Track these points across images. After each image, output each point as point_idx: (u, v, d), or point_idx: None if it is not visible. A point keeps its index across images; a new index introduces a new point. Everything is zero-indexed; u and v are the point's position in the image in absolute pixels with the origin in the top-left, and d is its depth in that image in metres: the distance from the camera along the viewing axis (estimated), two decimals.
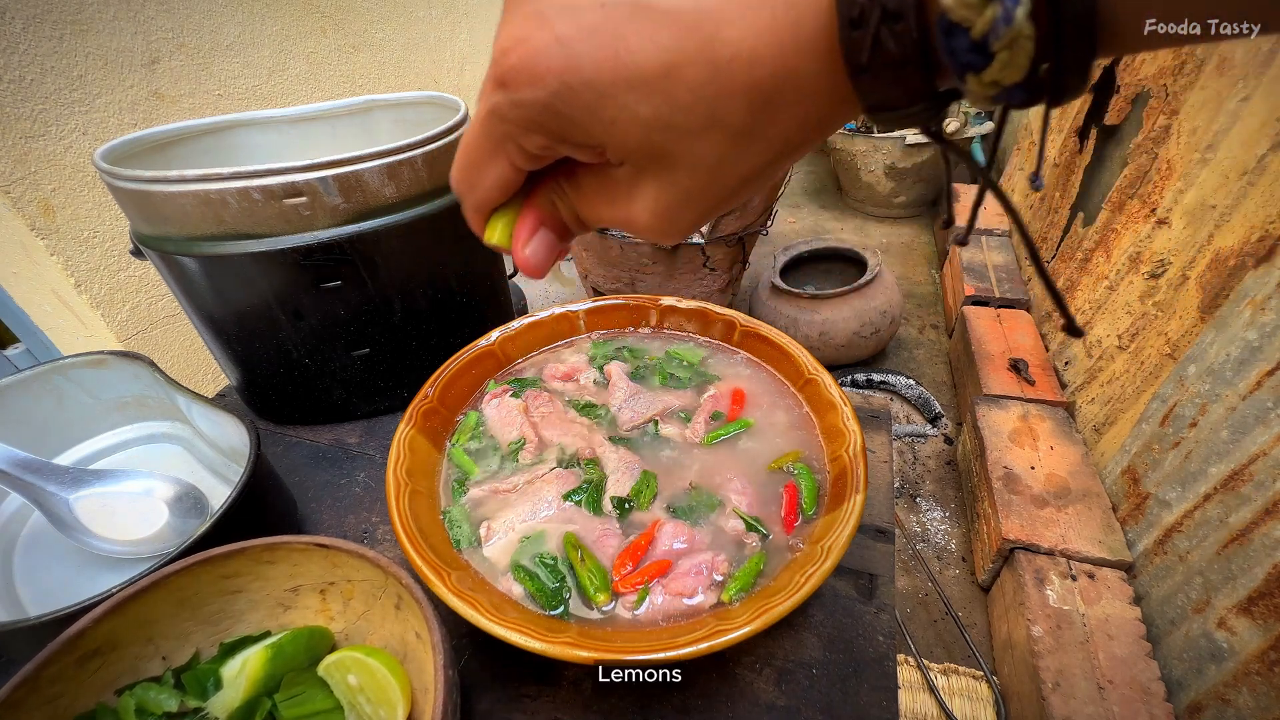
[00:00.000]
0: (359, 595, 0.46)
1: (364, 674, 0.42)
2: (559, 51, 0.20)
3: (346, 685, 0.42)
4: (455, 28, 2.36)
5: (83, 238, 1.22)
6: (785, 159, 0.22)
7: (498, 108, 0.22)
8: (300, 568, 0.46)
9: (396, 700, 0.40)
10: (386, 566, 0.42)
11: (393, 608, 0.45)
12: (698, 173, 0.22)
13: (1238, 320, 0.94)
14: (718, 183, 0.22)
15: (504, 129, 0.23)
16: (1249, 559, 0.84)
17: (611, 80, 0.20)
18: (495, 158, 0.25)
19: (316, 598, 0.47)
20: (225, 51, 1.46)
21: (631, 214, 0.24)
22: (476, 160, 0.25)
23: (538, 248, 0.28)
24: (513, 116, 0.22)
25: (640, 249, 1.64)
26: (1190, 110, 1.18)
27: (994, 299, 1.83)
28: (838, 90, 0.19)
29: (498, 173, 0.25)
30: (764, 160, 0.22)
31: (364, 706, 0.41)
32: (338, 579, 0.46)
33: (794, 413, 0.58)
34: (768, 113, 0.20)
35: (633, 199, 0.24)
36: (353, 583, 0.46)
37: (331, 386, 0.72)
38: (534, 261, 0.28)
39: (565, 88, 0.20)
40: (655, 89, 0.20)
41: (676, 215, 0.23)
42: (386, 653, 0.44)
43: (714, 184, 0.22)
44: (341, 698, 0.42)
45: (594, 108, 0.20)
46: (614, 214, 0.25)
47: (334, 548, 0.43)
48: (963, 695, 1.08)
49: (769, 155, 0.22)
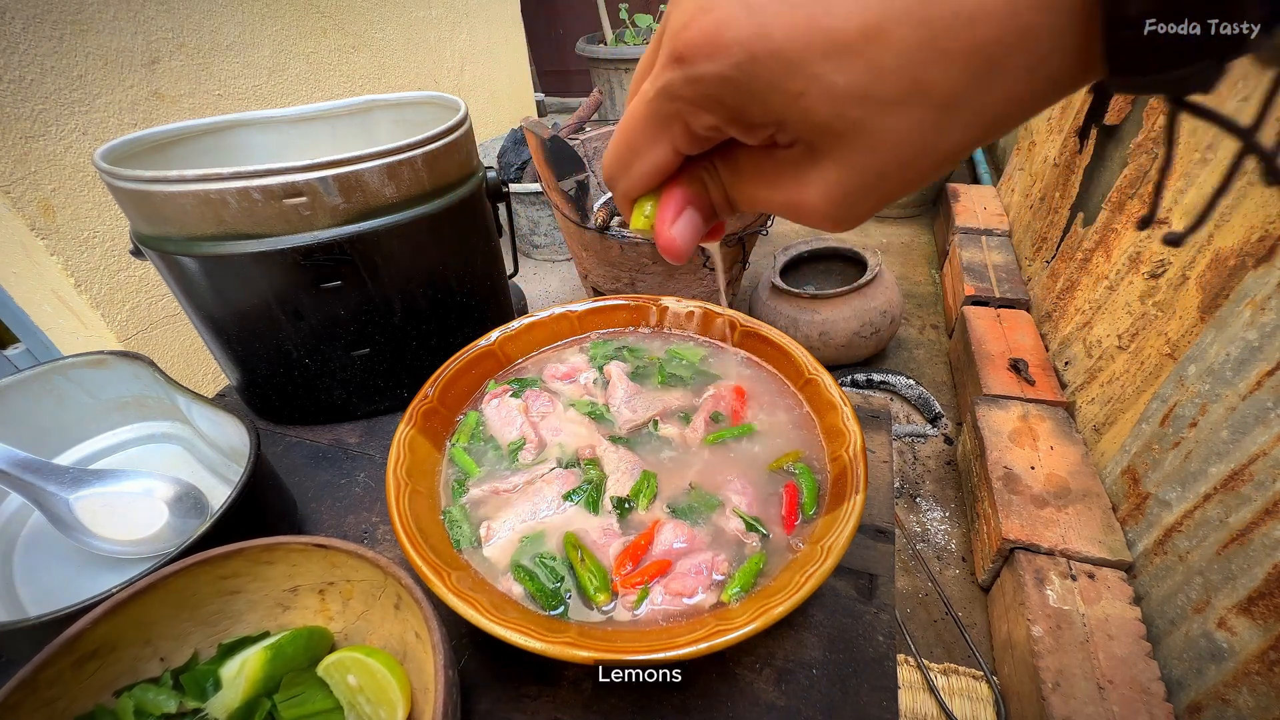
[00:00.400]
0: (358, 595, 0.46)
1: (363, 674, 0.42)
2: (747, 19, 0.18)
3: (346, 685, 0.42)
4: (455, 28, 2.36)
5: (83, 238, 1.22)
6: (991, 135, 0.19)
7: (670, 85, 0.20)
8: (299, 568, 0.46)
9: (396, 700, 0.40)
10: (386, 566, 0.42)
11: (392, 608, 0.45)
12: (889, 150, 0.19)
13: (1238, 320, 0.94)
14: (910, 162, 0.19)
15: (673, 108, 0.21)
16: (1249, 559, 0.84)
17: (805, 46, 0.18)
18: (657, 141, 0.23)
19: (315, 598, 0.47)
20: (225, 51, 1.46)
21: (803, 198, 0.22)
22: (637, 144, 0.24)
23: (684, 228, 0.25)
24: (686, 94, 0.20)
25: (640, 249, 1.64)
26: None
27: (994, 299, 1.83)
28: (1082, 50, 0.16)
29: (656, 157, 0.23)
30: (969, 137, 0.19)
31: (364, 707, 0.41)
32: (337, 579, 0.46)
33: (794, 412, 0.58)
34: (987, 80, 0.17)
35: (804, 182, 0.21)
36: (352, 583, 0.46)
37: (331, 386, 0.72)
38: (680, 243, 0.26)
39: (750, 59, 0.18)
40: (854, 55, 0.17)
41: (857, 200, 0.21)
42: (386, 653, 0.44)
43: (905, 163, 0.20)
44: (341, 698, 0.42)
45: (780, 80, 0.18)
46: (776, 197, 0.23)
47: (333, 548, 0.43)
48: (963, 695, 1.08)
49: (976, 131, 0.19)
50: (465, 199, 0.68)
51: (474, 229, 0.72)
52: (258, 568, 0.45)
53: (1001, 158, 2.60)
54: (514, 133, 2.43)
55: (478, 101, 2.63)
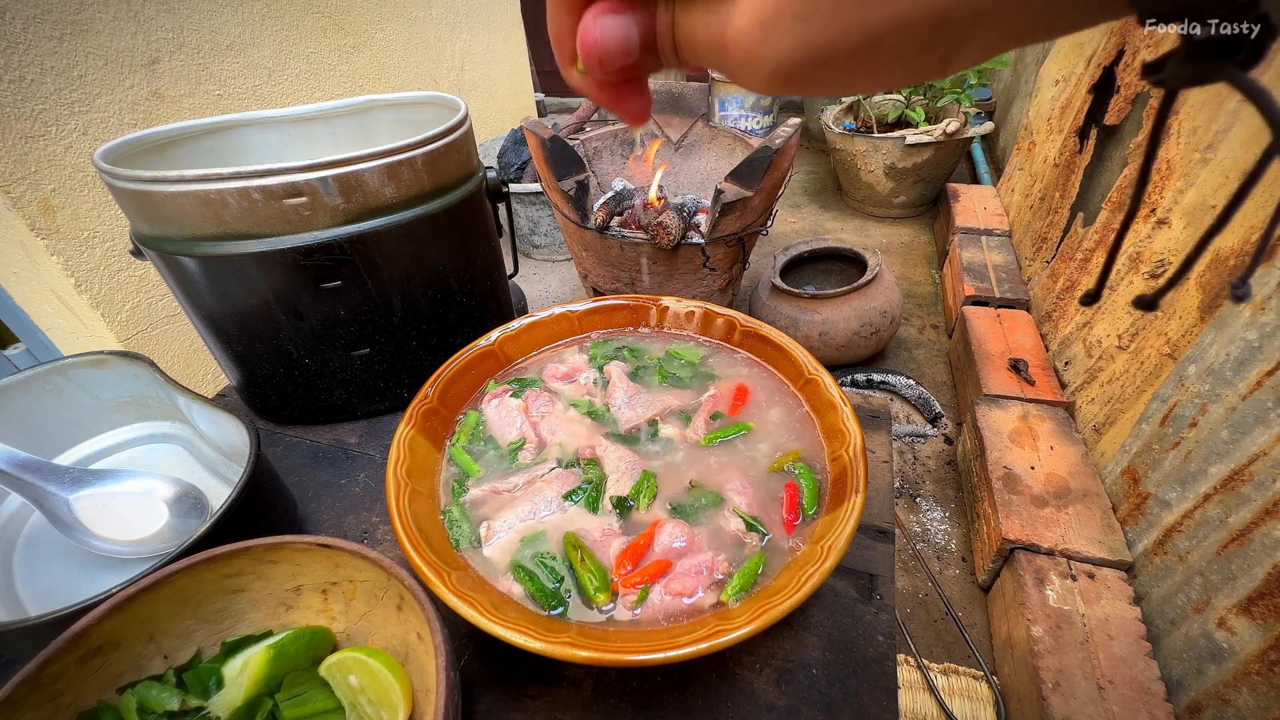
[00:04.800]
0: (361, 596, 0.46)
1: (365, 675, 0.42)
2: None
3: (348, 686, 0.42)
4: (455, 28, 2.36)
5: (83, 238, 1.22)
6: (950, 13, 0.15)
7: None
8: (303, 568, 0.46)
9: (398, 701, 0.40)
10: (389, 568, 0.42)
11: (394, 609, 0.45)
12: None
13: (1238, 320, 0.94)
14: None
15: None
16: (1249, 559, 0.84)
17: None
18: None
19: (319, 598, 0.47)
20: (225, 51, 1.46)
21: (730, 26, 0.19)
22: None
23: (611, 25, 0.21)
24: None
25: (640, 249, 1.64)
26: (1190, 110, 1.18)
27: (994, 299, 1.83)
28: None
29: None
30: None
31: (365, 708, 0.41)
32: (340, 579, 0.46)
33: (794, 413, 0.58)
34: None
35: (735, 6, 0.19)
36: (355, 583, 0.46)
37: (331, 386, 0.72)
38: (601, 37, 0.21)
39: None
40: None
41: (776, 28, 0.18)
42: (387, 654, 0.44)
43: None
44: (343, 698, 0.42)
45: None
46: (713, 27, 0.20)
47: (337, 548, 0.43)
48: (963, 695, 1.08)
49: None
50: (465, 199, 0.68)
51: (474, 229, 0.72)
52: (261, 566, 0.45)
53: (1001, 157, 2.60)
54: (514, 133, 2.43)
55: (478, 101, 2.63)
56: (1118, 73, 1.51)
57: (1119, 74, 1.51)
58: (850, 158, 2.68)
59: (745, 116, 3.53)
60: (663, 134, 2.06)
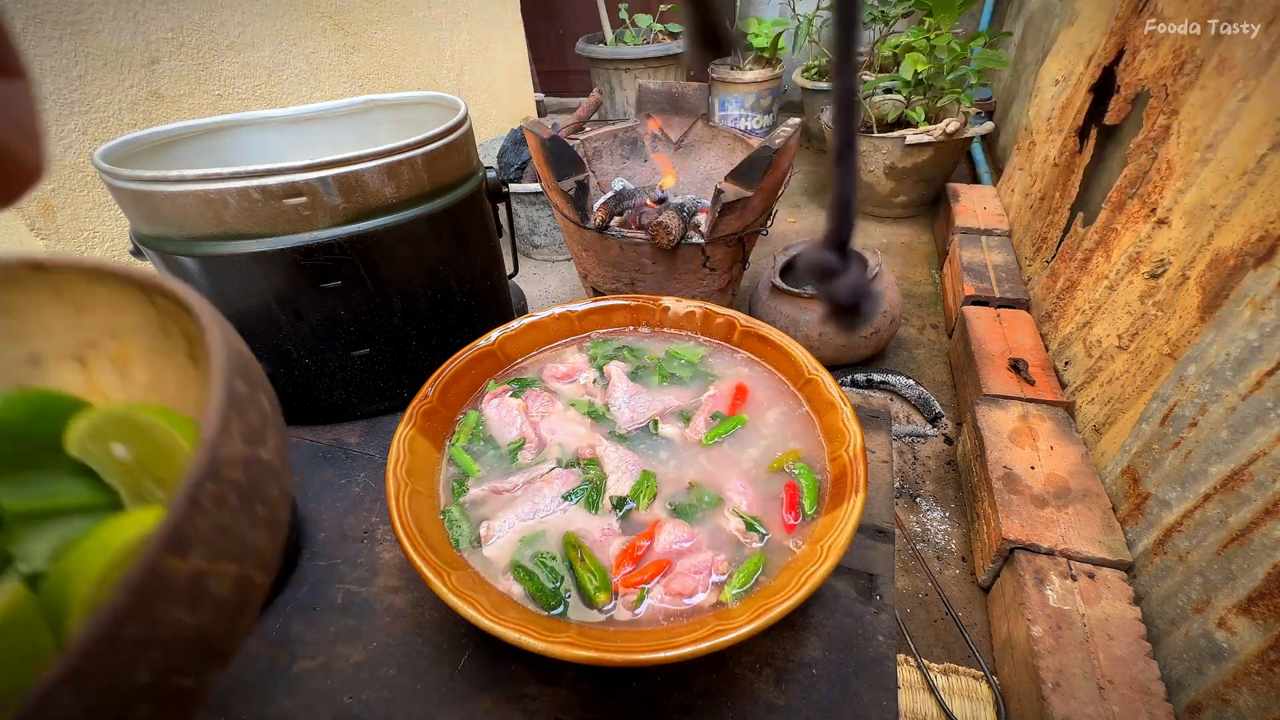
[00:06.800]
0: (138, 357, 0.30)
1: (138, 440, 0.27)
2: None
3: (114, 463, 0.27)
4: (455, 28, 2.36)
5: (83, 238, 1.22)
6: None
7: None
8: (26, 321, 0.29)
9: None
10: (149, 285, 0.27)
11: (187, 361, 0.29)
12: None
13: (1238, 320, 0.94)
14: None
15: None
16: (1249, 559, 0.84)
17: None
18: None
19: (75, 371, 0.30)
20: (225, 51, 1.46)
21: None
22: None
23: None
24: None
25: (640, 249, 1.64)
26: (1190, 110, 1.18)
27: (994, 299, 1.83)
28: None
29: None
30: None
31: (151, 489, 0.27)
32: (96, 334, 0.30)
33: (794, 412, 0.58)
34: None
35: None
36: (120, 338, 0.30)
37: (331, 386, 0.72)
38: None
39: None
40: None
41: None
42: (169, 409, 0.28)
43: None
44: (114, 482, 0.27)
45: None
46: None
47: (54, 267, 0.27)
48: (963, 695, 1.08)
49: None
50: (465, 199, 0.68)
51: (474, 229, 0.72)
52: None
53: (1001, 158, 2.60)
54: (514, 133, 2.43)
55: (478, 101, 2.63)
56: (1118, 73, 1.51)
57: (1119, 74, 1.51)
58: None
59: (745, 116, 3.53)
60: (663, 135, 2.06)
